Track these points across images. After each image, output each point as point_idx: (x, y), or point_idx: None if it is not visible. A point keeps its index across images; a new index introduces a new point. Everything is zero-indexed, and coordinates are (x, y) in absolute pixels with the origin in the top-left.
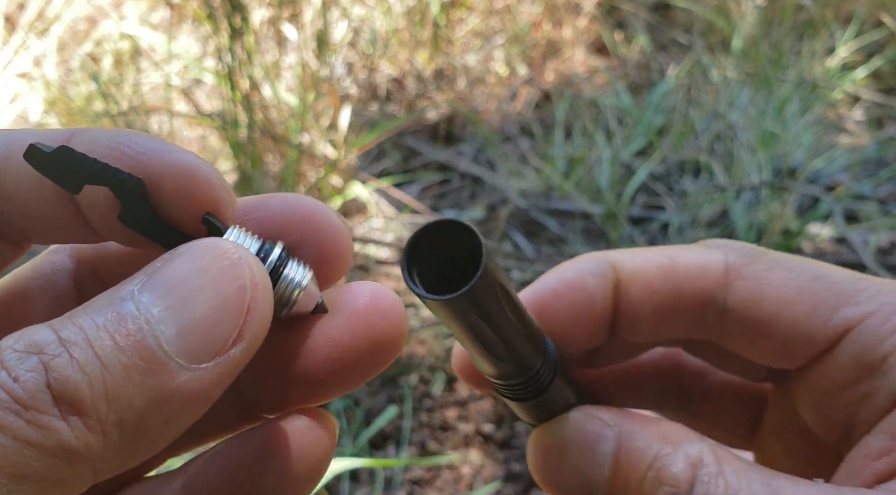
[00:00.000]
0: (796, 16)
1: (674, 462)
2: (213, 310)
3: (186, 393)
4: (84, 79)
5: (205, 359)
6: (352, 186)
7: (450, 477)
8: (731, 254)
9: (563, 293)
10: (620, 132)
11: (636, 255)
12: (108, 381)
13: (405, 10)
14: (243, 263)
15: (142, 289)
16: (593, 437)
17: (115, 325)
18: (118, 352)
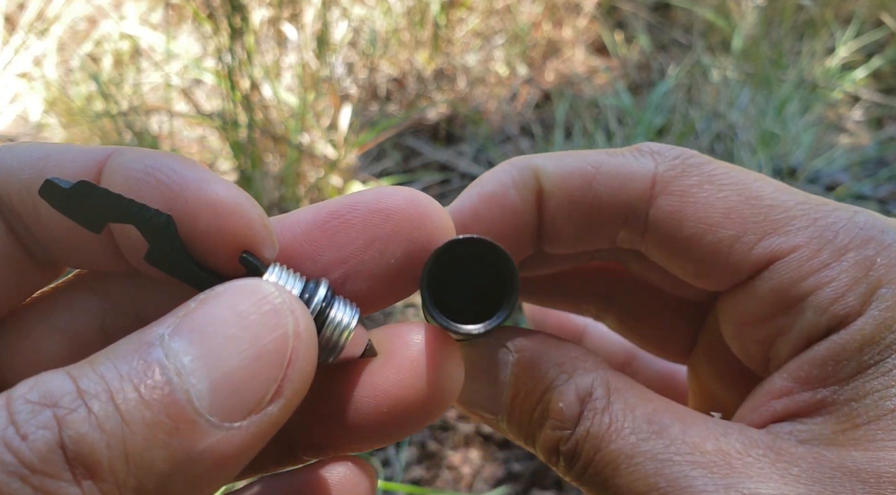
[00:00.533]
0: (796, 16)
1: (564, 394)
2: (251, 361)
3: (216, 455)
4: (84, 79)
5: (239, 416)
6: (352, 186)
7: (450, 477)
8: (662, 164)
9: (484, 209)
10: (620, 132)
11: (560, 161)
12: (129, 441)
13: (405, 10)
14: (286, 309)
15: (172, 334)
16: (495, 363)
17: (141, 375)
18: (142, 407)
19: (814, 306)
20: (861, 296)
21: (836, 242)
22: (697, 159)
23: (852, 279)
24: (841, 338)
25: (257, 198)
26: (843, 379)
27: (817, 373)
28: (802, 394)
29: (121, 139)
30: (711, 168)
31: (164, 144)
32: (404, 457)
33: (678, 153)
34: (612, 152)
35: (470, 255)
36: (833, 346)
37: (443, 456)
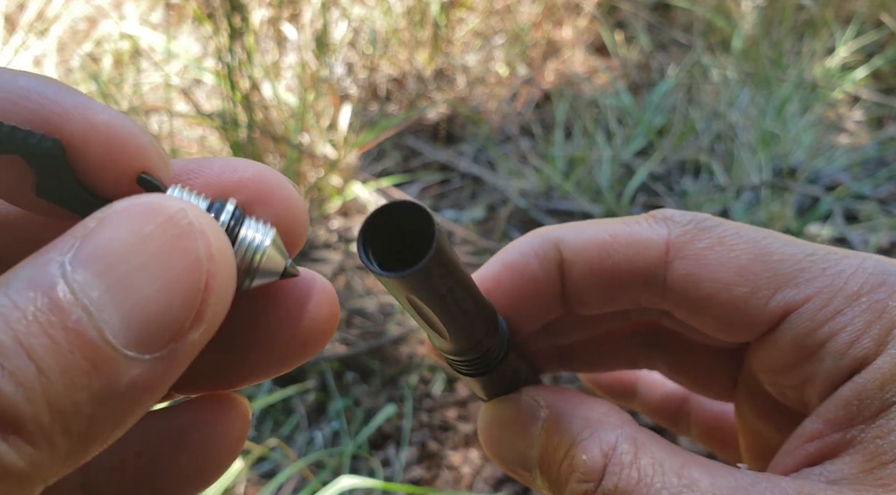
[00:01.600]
0: (796, 16)
1: (587, 448)
2: (165, 290)
3: (139, 387)
4: (84, 79)
5: (158, 347)
6: (352, 186)
7: (450, 477)
8: (675, 230)
9: (506, 277)
10: (620, 132)
11: (580, 232)
12: (48, 390)
13: (405, 10)
14: (195, 229)
15: (74, 264)
16: (528, 417)
17: (49, 316)
18: (57, 352)
19: (832, 352)
20: (876, 338)
21: (846, 289)
22: (709, 223)
23: (866, 323)
24: (862, 378)
25: None
26: (869, 418)
27: (844, 414)
28: (832, 436)
29: None
30: (722, 230)
31: (165, 144)
32: (404, 457)
33: (690, 218)
34: (629, 221)
35: (409, 231)
36: (856, 387)
37: (443, 456)
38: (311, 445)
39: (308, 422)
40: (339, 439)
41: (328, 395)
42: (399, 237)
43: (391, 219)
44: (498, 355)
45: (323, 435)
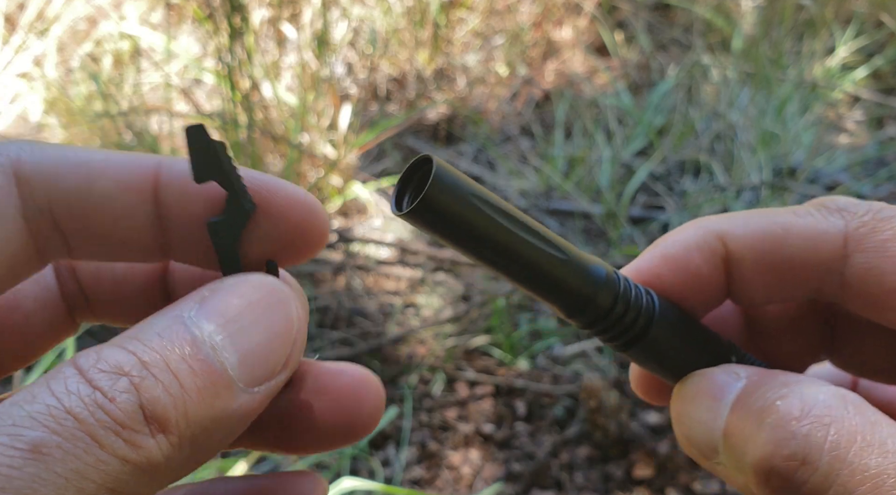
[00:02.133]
0: (796, 16)
1: (785, 396)
2: (269, 340)
3: (243, 412)
4: (84, 79)
5: (258, 383)
6: (352, 186)
7: (450, 477)
8: (853, 221)
9: (667, 271)
10: (620, 132)
11: (748, 224)
12: (188, 403)
13: (405, 10)
14: (290, 299)
15: (198, 317)
16: (720, 388)
17: (185, 349)
18: (193, 376)
19: None
20: None
21: None
22: (888, 212)
23: None
24: None
25: None
26: None
27: None
28: None
29: (121, 139)
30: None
31: (164, 144)
32: (404, 457)
33: (867, 208)
34: (800, 212)
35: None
36: None
37: (443, 456)
38: None
39: None
40: None
41: None
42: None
43: (418, 177)
44: (637, 322)
45: None
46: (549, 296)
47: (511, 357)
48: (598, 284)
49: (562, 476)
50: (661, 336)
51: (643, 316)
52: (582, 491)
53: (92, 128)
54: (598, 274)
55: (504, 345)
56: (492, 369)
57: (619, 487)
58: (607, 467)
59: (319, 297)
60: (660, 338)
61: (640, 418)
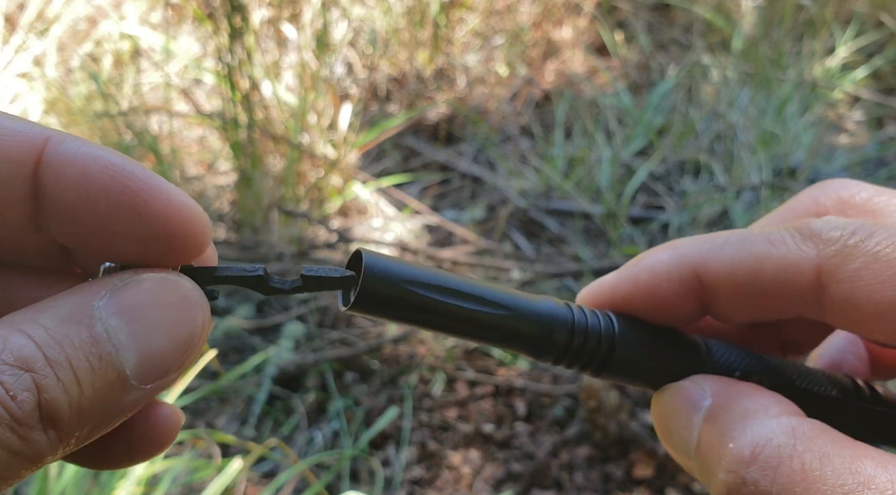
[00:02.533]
0: (796, 16)
1: (737, 437)
2: (170, 344)
3: (131, 407)
4: (84, 79)
5: (151, 382)
6: (352, 186)
7: (450, 477)
8: (825, 250)
9: (637, 299)
10: (620, 132)
11: (721, 255)
12: (83, 400)
13: (405, 10)
14: (198, 307)
15: (107, 308)
16: (691, 405)
17: (90, 348)
18: (92, 375)
19: None
20: None
21: None
22: (860, 235)
23: None
24: None
25: (257, 198)
26: None
27: None
28: None
29: (121, 139)
30: (875, 243)
31: (164, 144)
32: (404, 457)
33: (839, 233)
34: (775, 239)
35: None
36: None
37: (443, 456)
38: (311, 445)
39: (308, 422)
40: (339, 439)
41: (328, 395)
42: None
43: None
44: (600, 349)
45: (323, 435)
46: (506, 347)
47: (511, 357)
48: (549, 325)
49: (562, 476)
50: (624, 357)
51: (604, 341)
52: (582, 491)
53: (92, 128)
54: (547, 315)
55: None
56: (492, 369)
57: (619, 487)
58: (607, 467)
59: (319, 297)
60: (624, 359)
61: (640, 418)
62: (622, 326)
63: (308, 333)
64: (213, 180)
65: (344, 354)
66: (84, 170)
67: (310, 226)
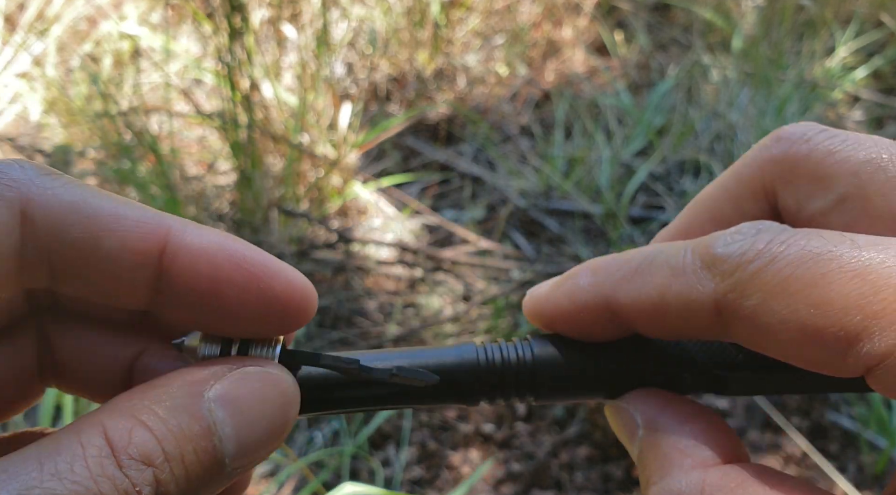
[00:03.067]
0: (796, 16)
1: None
2: (266, 435)
3: (221, 487)
4: (84, 79)
5: (243, 467)
6: (352, 186)
7: (450, 477)
8: (721, 285)
9: (560, 323)
10: (620, 132)
11: (627, 288)
12: (188, 489)
13: (405, 10)
14: (293, 400)
15: (216, 403)
16: (630, 431)
17: (199, 441)
18: (199, 466)
19: None
20: None
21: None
22: (754, 266)
23: None
24: None
25: (257, 198)
26: None
27: None
28: None
29: (121, 139)
30: (773, 273)
31: (164, 144)
32: (404, 457)
33: (734, 264)
34: (676, 268)
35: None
36: None
37: (443, 456)
38: (311, 445)
39: (308, 422)
40: (339, 439)
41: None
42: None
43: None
44: (521, 380)
45: (323, 434)
46: (435, 404)
47: None
48: (456, 377)
49: (562, 476)
50: (546, 381)
51: (523, 371)
52: (582, 491)
53: (92, 128)
54: (452, 369)
55: None
56: None
57: (619, 487)
58: (607, 467)
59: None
60: (547, 382)
61: None
62: (539, 351)
63: (308, 333)
64: (213, 180)
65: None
66: (212, 261)
67: (310, 226)
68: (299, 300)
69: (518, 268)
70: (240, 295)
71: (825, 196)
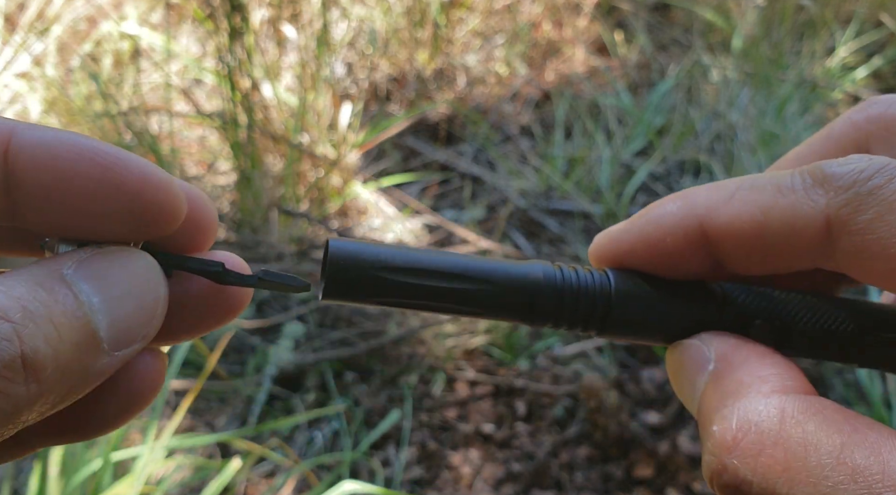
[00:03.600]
0: (796, 16)
1: (724, 418)
2: (137, 310)
3: (100, 372)
4: (84, 79)
5: (121, 348)
6: (352, 186)
7: (450, 477)
8: (835, 199)
9: (641, 250)
10: (620, 132)
11: (728, 206)
12: (62, 356)
13: (405, 10)
14: (160, 278)
15: (76, 274)
16: (697, 367)
17: (68, 306)
18: (71, 331)
19: None
20: None
21: None
22: (876, 180)
23: None
24: None
25: (257, 198)
26: None
27: None
28: None
29: (121, 139)
30: (889, 192)
31: (164, 144)
32: (404, 457)
33: (852, 179)
34: (783, 187)
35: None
36: None
37: (443, 456)
38: (311, 445)
39: (308, 422)
40: (339, 439)
41: (328, 395)
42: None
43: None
44: (595, 308)
45: (323, 435)
46: (497, 318)
47: (511, 357)
48: (534, 292)
49: (562, 476)
50: (622, 315)
51: (600, 300)
52: (582, 491)
53: (92, 128)
54: (532, 282)
55: (504, 345)
56: (492, 369)
57: (619, 487)
58: (607, 467)
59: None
60: (622, 317)
61: (640, 418)
62: (619, 283)
63: (308, 333)
64: (213, 180)
65: (344, 354)
66: (54, 153)
67: (310, 226)
68: (157, 195)
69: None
70: (90, 188)
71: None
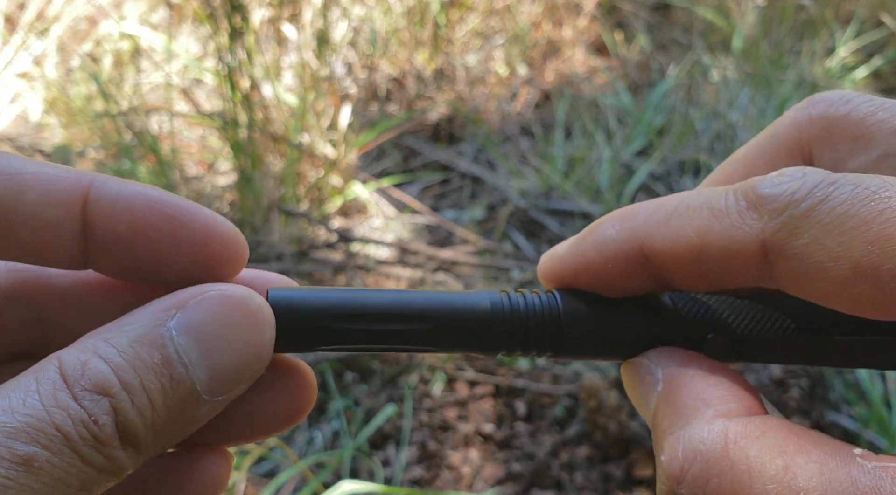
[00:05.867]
0: (796, 16)
1: (670, 447)
2: (238, 358)
3: (203, 418)
4: (84, 79)
5: (221, 394)
6: (352, 186)
7: (450, 477)
8: (770, 224)
9: (583, 275)
10: (620, 132)
11: (666, 229)
12: (156, 420)
13: (405, 10)
14: (266, 322)
15: (178, 329)
16: (647, 386)
17: (162, 369)
18: (164, 396)
19: None
20: None
21: None
22: (806, 204)
23: None
24: None
25: (257, 198)
26: None
27: None
28: None
29: (121, 139)
30: (826, 211)
31: (164, 144)
32: (404, 457)
33: (784, 202)
34: (718, 210)
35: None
36: None
37: (443, 456)
38: (311, 445)
39: (308, 422)
40: (339, 439)
41: (328, 395)
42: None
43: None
44: (546, 332)
45: (323, 434)
46: (450, 352)
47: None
48: (484, 322)
49: (562, 476)
50: (573, 336)
51: (550, 324)
52: (582, 491)
53: (92, 128)
54: (481, 311)
55: None
56: (492, 369)
57: (619, 487)
58: (607, 467)
59: None
60: (573, 338)
61: (640, 418)
62: (567, 305)
63: None
64: (213, 180)
65: (343, 354)
66: (129, 205)
67: (310, 226)
68: (222, 240)
69: (518, 268)
70: (160, 236)
71: (866, 154)
